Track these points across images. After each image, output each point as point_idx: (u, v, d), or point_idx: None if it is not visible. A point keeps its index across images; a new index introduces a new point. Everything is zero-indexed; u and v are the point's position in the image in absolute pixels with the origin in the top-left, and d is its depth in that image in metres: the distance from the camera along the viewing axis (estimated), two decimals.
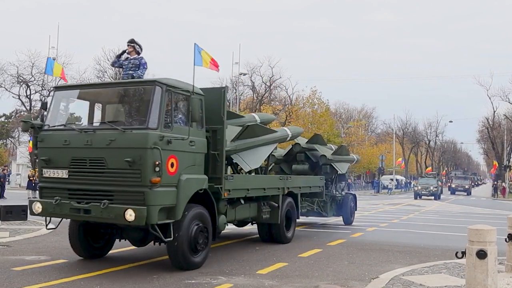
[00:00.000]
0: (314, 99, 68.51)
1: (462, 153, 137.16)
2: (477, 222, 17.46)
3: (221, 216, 10.37)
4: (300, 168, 17.18)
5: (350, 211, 18.96)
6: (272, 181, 13.15)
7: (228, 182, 10.49)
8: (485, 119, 74.00)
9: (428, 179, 53.22)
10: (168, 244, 9.00)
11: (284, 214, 13.20)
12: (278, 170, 17.36)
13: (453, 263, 10.06)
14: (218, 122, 10.22)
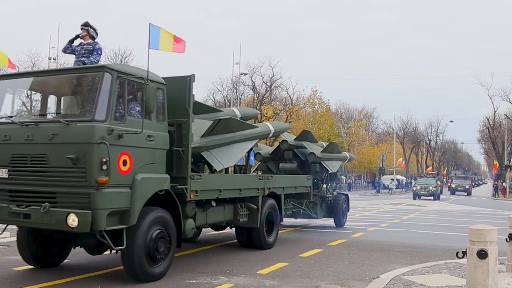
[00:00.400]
0: (314, 99, 68.52)
1: (462, 153, 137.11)
2: (477, 222, 17.46)
3: (188, 221, 9.27)
4: (288, 167, 16.31)
5: (341, 212, 17.97)
6: (250, 181, 11.82)
7: (195, 182, 9.34)
8: (486, 119, 74.03)
9: (427, 179, 52.05)
10: (122, 253, 8.01)
11: (265, 217, 12.07)
12: (265, 169, 16.56)
13: (454, 263, 10.05)
14: (183, 115, 9.08)
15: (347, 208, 18.66)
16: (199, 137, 10.13)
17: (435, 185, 49.76)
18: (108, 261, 9.95)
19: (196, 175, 9.55)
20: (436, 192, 49.08)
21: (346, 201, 18.55)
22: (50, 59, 53.89)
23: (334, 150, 17.50)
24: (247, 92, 67.23)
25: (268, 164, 16.53)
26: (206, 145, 10.43)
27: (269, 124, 13.66)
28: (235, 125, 11.31)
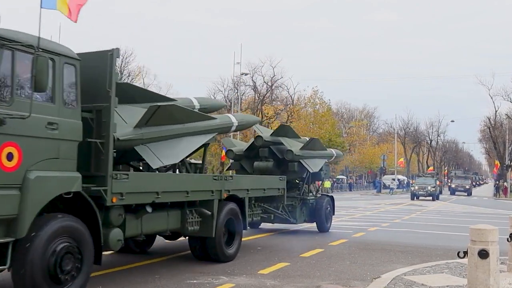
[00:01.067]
0: (315, 99, 68.59)
1: (464, 153, 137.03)
2: (479, 222, 17.43)
3: (112, 231, 7.52)
4: (263, 165, 14.80)
5: (325, 216, 16.31)
6: (200, 182, 9.81)
7: (119, 182, 7.50)
8: (487, 119, 73.98)
9: (425, 179, 50.51)
10: (12, 273, 6.34)
11: (223, 225, 10.24)
12: (238, 168, 15.26)
13: (455, 263, 10.05)
14: (104, 99, 7.41)
15: (332, 211, 16.99)
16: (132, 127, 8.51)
17: (434, 185, 48.14)
18: (109, 261, 9.95)
19: (121, 173, 7.77)
20: (435, 192, 47.49)
21: (331, 203, 16.86)
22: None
23: (316, 147, 15.82)
24: (248, 92, 67.26)
25: (242, 163, 15.11)
26: (141, 137, 8.62)
27: (231, 116, 11.86)
28: (181, 114, 9.42)
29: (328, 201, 16.66)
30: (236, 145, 15.49)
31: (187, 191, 9.16)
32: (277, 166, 14.86)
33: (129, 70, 59.78)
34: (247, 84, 64.91)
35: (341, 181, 73.60)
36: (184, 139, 9.56)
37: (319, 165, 15.66)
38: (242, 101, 64.72)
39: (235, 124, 11.61)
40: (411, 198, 46.72)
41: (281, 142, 14.77)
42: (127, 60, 59.17)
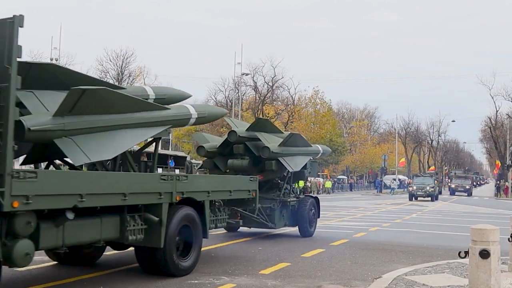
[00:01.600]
0: (316, 99, 68.59)
1: (464, 153, 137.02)
2: (480, 222, 17.44)
3: (17, 243, 6.08)
4: (238, 164, 13.64)
5: (308, 219, 14.90)
6: (143, 183, 8.10)
7: (22, 183, 6.02)
8: (488, 119, 73.96)
9: (424, 179, 49.01)
10: None
11: (176, 233, 8.69)
12: (211, 167, 14.12)
13: (456, 263, 10.05)
14: (3, 79, 6.02)
15: (317, 214, 15.58)
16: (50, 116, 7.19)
17: (433, 185, 46.58)
18: (111, 262, 9.96)
19: (25, 172, 6.19)
20: (433, 192, 45.93)
21: (315, 206, 15.46)
22: (51, 60, 54.02)
23: (298, 143, 14.34)
24: (249, 92, 67.31)
25: (216, 161, 13.95)
26: (62, 128, 7.25)
27: (189, 106, 10.09)
28: (117, 101, 7.92)
29: (312, 203, 15.29)
30: (210, 141, 14.29)
31: (124, 194, 7.48)
32: (253, 165, 13.69)
33: (129, 71, 59.83)
34: (248, 84, 64.93)
35: (342, 181, 73.61)
36: (122, 132, 8.07)
37: (301, 163, 14.34)
38: (243, 101, 64.73)
39: (194, 116, 9.91)
40: (409, 199, 45.33)
41: (257, 138, 13.51)
42: (128, 60, 59.23)
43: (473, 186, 78.00)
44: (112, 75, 58.42)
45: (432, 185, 46.37)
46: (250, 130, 13.73)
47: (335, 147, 65.61)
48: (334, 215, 24.13)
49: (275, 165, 13.60)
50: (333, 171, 78.33)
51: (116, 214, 7.78)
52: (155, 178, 8.50)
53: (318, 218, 15.64)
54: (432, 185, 46.37)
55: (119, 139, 7.99)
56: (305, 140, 14.84)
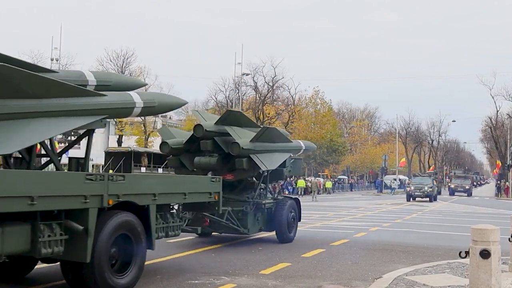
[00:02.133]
0: (317, 99, 68.59)
1: (465, 153, 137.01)
2: (480, 222, 17.43)
3: None
4: (205, 162, 12.41)
5: (287, 223, 13.34)
6: (60, 184, 6.58)
7: None
8: (488, 119, 73.91)
9: (422, 179, 47.27)
10: None
11: (109, 244, 7.22)
12: (177, 165, 12.91)
13: (457, 263, 10.04)
14: None
15: (297, 217, 14.07)
16: None
17: (431, 185, 44.61)
18: None
19: None
20: (432, 193, 43.80)
21: (295, 208, 13.95)
22: (52, 60, 54.05)
23: (275, 139, 12.78)
24: (249, 93, 67.27)
25: (182, 158, 12.72)
26: None
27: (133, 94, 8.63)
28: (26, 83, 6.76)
29: (292, 205, 13.75)
30: (177, 136, 12.98)
31: (31, 197, 6.04)
32: (222, 163, 12.38)
33: (130, 71, 59.82)
34: (248, 85, 64.91)
35: (342, 181, 73.62)
36: (34, 121, 6.95)
37: (278, 161, 12.83)
38: (243, 101, 64.72)
39: (139, 105, 8.60)
40: (407, 199, 43.59)
41: (227, 133, 12.12)
42: (128, 60, 59.25)
43: (473, 186, 77.86)
44: None
45: (430, 185, 44.53)
46: (220, 123, 12.29)
47: (335, 147, 65.66)
48: (334, 215, 24.13)
49: (247, 163, 12.07)
50: (334, 171, 78.36)
51: (25, 222, 6.31)
52: (78, 178, 6.92)
53: (299, 221, 14.18)
54: (430, 185, 44.53)
55: (28, 130, 6.91)
56: (282, 135, 13.26)
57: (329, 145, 64.42)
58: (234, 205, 12.38)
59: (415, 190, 43.92)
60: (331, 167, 74.68)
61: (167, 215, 8.79)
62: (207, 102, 72.66)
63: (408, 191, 45.30)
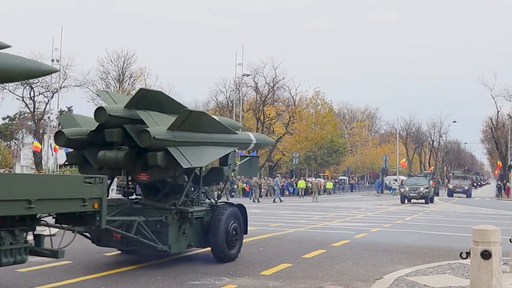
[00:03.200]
0: (317, 100, 68.60)
1: (466, 153, 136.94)
2: (481, 223, 17.42)
3: None
4: (110, 157, 9.42)
5: (225, 237, 10.23)
6: None
7: None
8: (489, 119, 73.89)
9: (418, 179, 44.21)
10: None
11: None
12: (80, 161, 10.05)
13: (458, 263, 10.04)
14: None
15: (242, 229, 10.97)
16: None
17: (427, 186, 41.40)
18: (112, 262, 9.97)
19: None
20: (427, 194, 40.73)
21: (239, 217, 10.86)
22: (53, 61, 54.08)
23: (206, 128, 9.86)
24: (250, 93, 67.31)
25: (86, 153, 9.86)
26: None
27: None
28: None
29: (233, 214, 10.65)
30: (82, 125, 10.01)
31: None
32: (134, 158, 9.52)
33: (130, 71, 59.88)
34: (249, 85, 64.94)
35: (343, 181, 73.61)
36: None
37: (210, 156, 10.11)
38: (244, 102, 64.76)
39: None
40: (401, 201, 40.39)
41: (140, 119, 9.25)
42: (129, 61, 59.28)
43: (473, 187, 77.52)
44: (113, 76, 58.53)
45: (426, 186, 41.24)
46: (131, 107, 9.34)
47: (336, 148, 65.62)
48: (335, 216, 24.12)
49: (163, 158, 9.12)
50: (334, 172, 78.35)
51: None
52: None
53: (245, 234, 11.14)
54: (426, 186, 41.24)
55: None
56: (219, 124, 10.33)
57: (330, 146, 64.40)
58: (149, 214, 9.41)
59: (409, 191, 40.87)
60: (331, 168, 74.68)
61: None
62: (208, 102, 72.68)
63: (402, 192, 42.03)
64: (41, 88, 56.70)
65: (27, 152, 64.48)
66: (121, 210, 9.58)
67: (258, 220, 20.35)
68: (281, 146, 64.68)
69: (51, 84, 54.75)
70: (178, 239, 9.74)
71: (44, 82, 56.37)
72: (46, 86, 56.23)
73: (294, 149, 62.01)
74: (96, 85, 57.71)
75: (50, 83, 54.86)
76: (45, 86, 56.36)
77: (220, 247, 10.19)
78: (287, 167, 68.20)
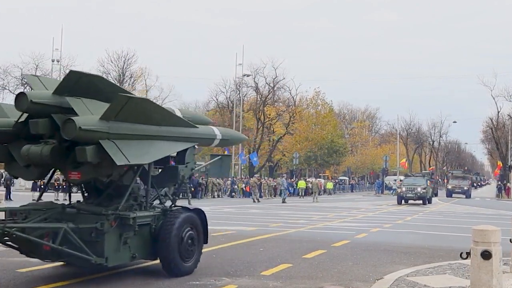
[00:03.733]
0: (317, 100, 68.62)
1: (466, 154, 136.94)
2: (481, 223, 17.41)
3: None
4: (35, 152, 7.86)
5: (178, 248, 8.73)
6: None
7: None
8: (489, 120, 73.92)
9: (415, 179, 42.61)
10: None
11: None
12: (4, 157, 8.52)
13: (458, 263, 10.04)
14: None
15: (201, 237, 9.46)
16: None
17: (425, 186, 39.53)
18: None
19: None
20: (425, 194, 39.04)
21: (197, 224, 9.35)
22: (53, 61, 54.11)
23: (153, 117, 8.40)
24: (250, 93, 67.33)
25: (11, 148, 8.39)
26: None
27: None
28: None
29: (189, 220, 9.13)
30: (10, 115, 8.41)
31: None
32: (63, 153, 7.99)
33: (131, 72, 59.90)
34: (249, 86, 64.94)
35: (343, 182, 73.62)
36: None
37: (159, 152, 8.57)
38: (244, 102, 64.75)
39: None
40: (398, 202, 39.01)
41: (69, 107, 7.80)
42: (129, 61, 59.31)
43: (473, 187, 77.22)
44: (114, 76, 58.55)
45: (424, 186, 39.41)
46: (62, 93, 7.88)
47: (336, 148, 65.63)
48: (335, 216, 24.12)
49: (93, 153, 7.62)
50: (335, 172, 78.36)
51: None
52: None
53: (205, 243, 9.64)
54: (424, 186, 39.41)
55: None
56: (171, 114, 8.92)
57: (330, 146, 64.41)
58: (83, 221, 8.01)
59: (406, 192, 39.12)
60: (332, 168, 74.72)
61: None
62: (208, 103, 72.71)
63: (399, 193, 40.23)
64: None
65: None
66: (50, 215, 8.24)
67: (258, 220, 20.36)
68: (282, 146, 64.73)
69: None
70: (118, 250, 8.16)
71: None
72: None
73: (294, 149, 62.04)
74: None
75: None
76: None
77: (171, 259, 8.65)
78: (287, 167, 68.22)
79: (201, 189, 39.98)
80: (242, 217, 22.23)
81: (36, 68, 55.29)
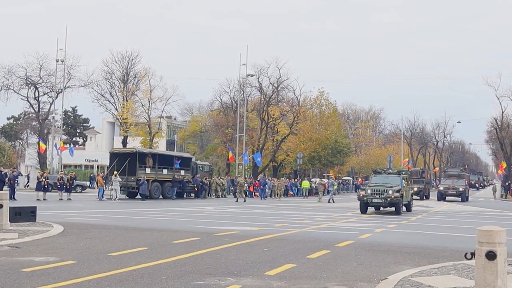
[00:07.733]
0: (321, 100, 68.56)
1: (470, 154, 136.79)
2: (486, 223, 17.38)
3: None
4: None
5: None
6: None
7: None
8: (494, 120, 73.70)
9: (386, 177, 28.65)
10: None
11: None
12: None
13: (462, 264, 10.02)
14: None
15: None
16: None
17: (399, 188, 26.95)
18: (116, 262, 9.98)
19: None
20: (398, 200, 26.70)
21: None
22: (57, 61, 54.16)
23: None
24: (254, 94, 67.33)
25: None
26: None
27: None
28: None
29: None
30: None
31: None
32: None
33: (135, 72, 59.96)
34: (253, 86, 64.93)
35: (347, 182, 73.56)
36: None
37: None
38: (248, 102, 64.73)
39: None
40: (362, 211, 27.48)
41: None
42: (133, 62, 59.37)
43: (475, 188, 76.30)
44: (118, 76, 58.65)
45: (397, 189, 26.87)
46: None
47: (340, 148, 65.60)
48: (339, 216, 24.09)
49: None
50: (339, 172, 78.30)
51: None
52: None
53: None
54: (397, 189, 26.87)
55: None
56: None
57: (334, 146, 64.37)
58: None
59: (372, 196, 26.97)
60: (336, 168, 74.67)
61: None
62: (212, 103, 72.72)
63: (361, 197, 27.50)
64: (46, 89, 56.89)
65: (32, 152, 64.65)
66: None
67: (262, 221, 20.36)
68: (285, 146, 64.71)
69: (55, 84, 54.85)
70: None
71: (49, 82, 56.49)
72: (50, 86, 56.37)
73: (298, 149, 62.03)
74: (100, 85, 57.88)
75: (55, 83, 54.94)
76: (50, 86, 56.50)
77: None
78: (291, 167, 68.21)
79: (205, 189, 39.91)
80: (246, 217, 22.24)
81: (40, 68, 55.47)
